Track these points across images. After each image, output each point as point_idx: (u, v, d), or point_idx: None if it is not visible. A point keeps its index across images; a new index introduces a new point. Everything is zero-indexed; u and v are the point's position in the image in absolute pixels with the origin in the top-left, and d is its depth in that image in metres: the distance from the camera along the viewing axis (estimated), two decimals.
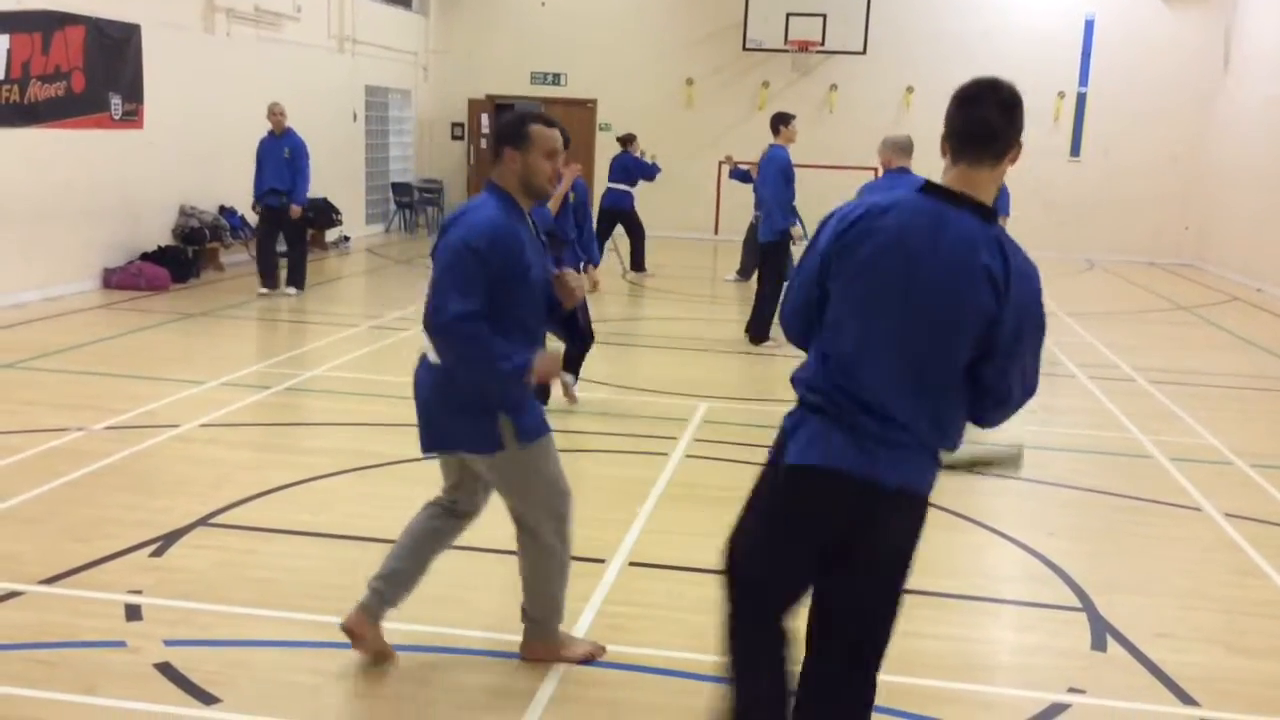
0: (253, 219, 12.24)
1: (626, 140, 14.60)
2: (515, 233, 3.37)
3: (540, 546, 3.68)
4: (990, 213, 2.60)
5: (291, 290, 11.43)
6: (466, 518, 3.84)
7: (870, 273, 2.58)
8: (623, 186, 14.03)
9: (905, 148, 7.02)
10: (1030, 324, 2.60)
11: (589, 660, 3.81)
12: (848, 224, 2.63)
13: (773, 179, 9.75)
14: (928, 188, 2.65)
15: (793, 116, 10.24)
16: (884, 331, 2.58)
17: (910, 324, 2.56)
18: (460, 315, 3.23)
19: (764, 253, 9.94)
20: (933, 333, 2.56)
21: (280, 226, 11.36)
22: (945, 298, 2.54)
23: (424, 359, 3.53)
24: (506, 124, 3.49)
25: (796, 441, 2.66)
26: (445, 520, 3.81)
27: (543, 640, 3.80)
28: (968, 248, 2.53)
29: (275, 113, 11.30)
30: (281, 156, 11.16)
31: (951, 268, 2.53)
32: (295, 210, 11.23)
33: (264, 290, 11.36)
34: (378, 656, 3.73)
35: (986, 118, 2.62)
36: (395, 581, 3.71)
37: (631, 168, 14.22)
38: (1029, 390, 2.70)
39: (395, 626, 4.02)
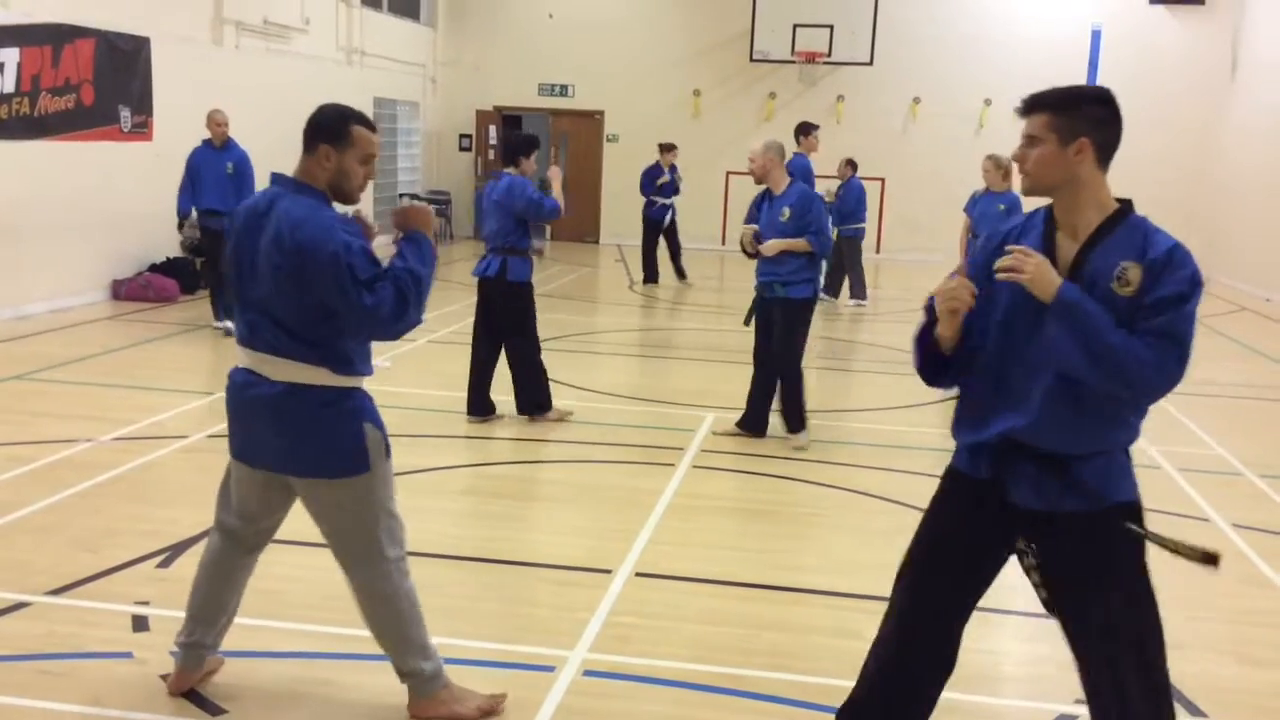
0: (172, 239, 10.93)
1: (664, 149, 14.54)
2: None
3: (386, 587, 3.35)
4: None
5: (230, 323, 9.47)
6: (258, 550, 3.60)
7: None
8: (658, 199, 14.10)
9: (784, 155, 6.93)
10: None
11: (490, 713, 3.45)
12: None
13: None
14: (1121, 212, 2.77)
15: (815, 126, 10.25)
16: None
17: None
18: (383, 297, 3.07)
19: None
20: None
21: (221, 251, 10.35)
22: None
23: (255, 379, 3.28)
24: (327, 118, 3.26)
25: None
26: (243, 559, 3.56)
27: (428, 696, 3.41)
28: None
29: (217, 122, 9.81)
30: (223, 172, 9.66)
31: None
32: None
33: (219, 325, 9.78)
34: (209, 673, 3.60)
35: None
36: (204, 624, 3.49)
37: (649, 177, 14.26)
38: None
39: None
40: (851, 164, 12.98)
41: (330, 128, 3.24)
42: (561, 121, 19.31)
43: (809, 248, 6.61)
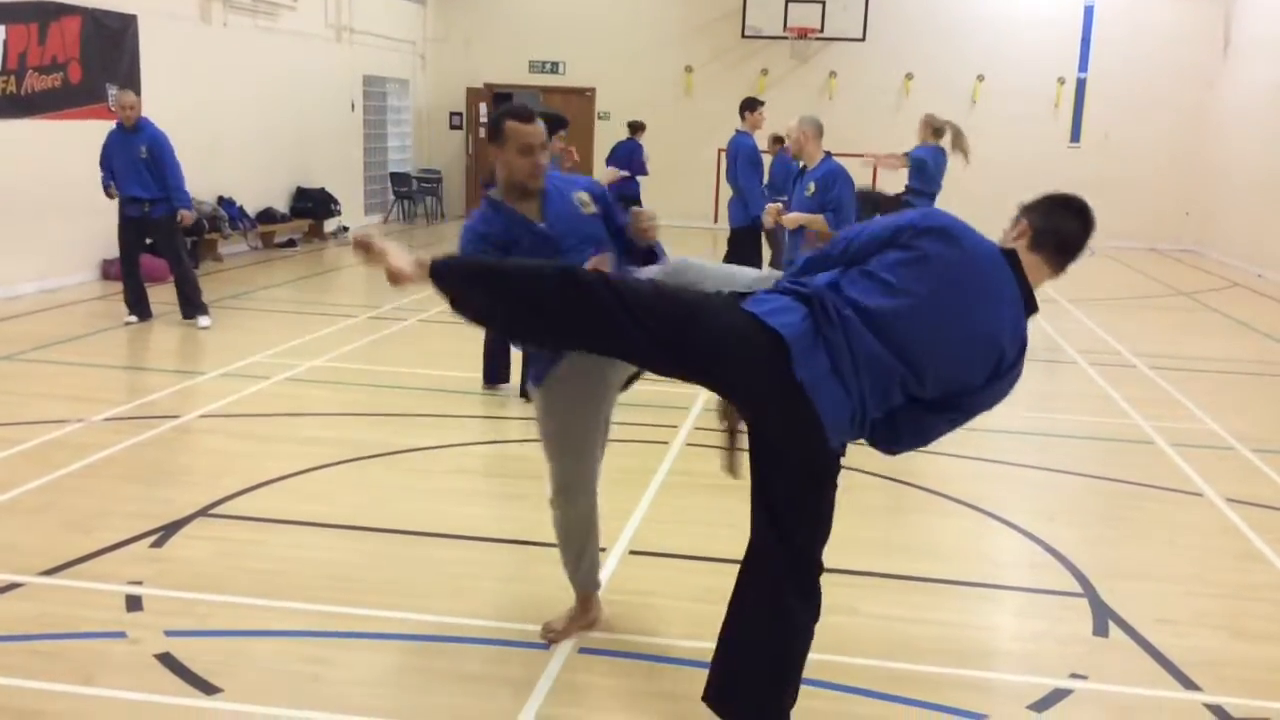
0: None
1: (636, 128, 14.49)
2: (482, 231, 3.49)
3: (552, 510, 3.79)
4: (1032, 310, 2.93)
5: (204, 321, 9.19)
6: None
7: (943, 274, 2.81)
8: (626, 173, 13.98)
9: (822, 131, 6.83)
10: (981, 408, 2.97)
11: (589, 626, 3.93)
12: (939, 222, 2.88)
13: (741, 167, 9.87)
14: (1011, 259, 2.91)
15: (760, 103, 10.32)
16: (929, 326, 2.80)
17: (942, 342, 2.81)
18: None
19: (734, 238, 10.09)
20: (946, 360, 2.83)
21: (143, 241, 9.23)
22: (974, 345, 2.83)
23: None
24: (490, 121, 3.54)
25: (777, 310, 2.82)
26: None
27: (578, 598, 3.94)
28: (1010, 326, 2.86)
29: (122, 104, 9.01)
30: (136, 156, 8.92)
31: (992, 327, 2.83)
32: (187, 217, 9.14)
33: (132, 319, 9.16)
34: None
35: (1082, 241, 2.94)
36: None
37: (633, 156, 14.17)
38: (923, 443, 3.03)
39: (401, 616, 4.02)
40: (779, 139, 13.13)
41: (490, 130, 3.50)
42: (552, 99, 19.19)
43: (825, 226, 6.47)
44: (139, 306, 9.23)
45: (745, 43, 18.36)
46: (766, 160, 12.76)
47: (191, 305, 9.23)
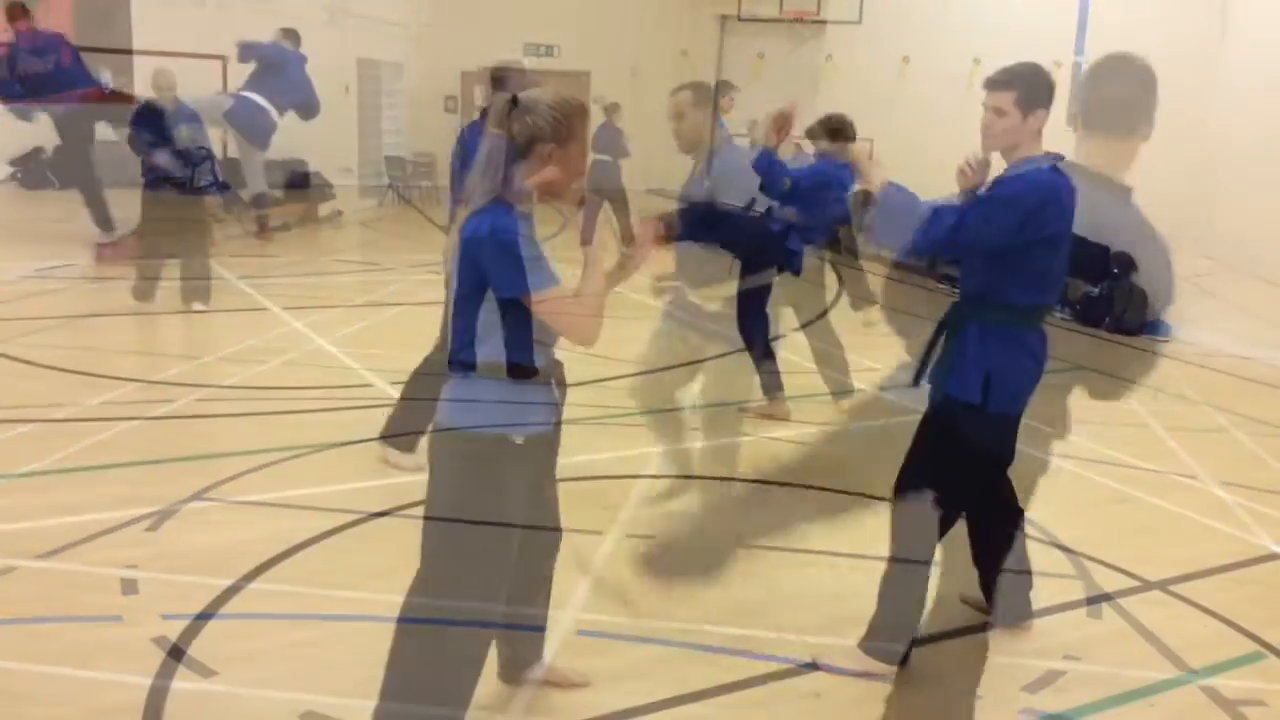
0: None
1: (611, 109, 14.44)
2: None
3: None
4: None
5: (200, 305, 9.06)
6: None
7: None
8: (607, 157, 13.90)
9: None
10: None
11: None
12: None
13: None
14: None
15: (733, 88, 10.21)
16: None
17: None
18: None
19: None
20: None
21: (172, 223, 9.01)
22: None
23: None
24: None
25: None
26: None
27: None
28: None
29: (163, 86, 9.01)
30: (176, 136, 8.93)
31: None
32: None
33: (131, 303, 9.04)
34: None
35: (1128, 86, 3.41)
36: None
37: (615, 141, 14.11)
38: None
39: (398, 599, 4.02)
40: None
41: None
42: (547, 82, 18.93)
43: None
44: (147, 291, 9.09)
45: (741, 26, 18.30)
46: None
47: (193, 291, 9.12)
